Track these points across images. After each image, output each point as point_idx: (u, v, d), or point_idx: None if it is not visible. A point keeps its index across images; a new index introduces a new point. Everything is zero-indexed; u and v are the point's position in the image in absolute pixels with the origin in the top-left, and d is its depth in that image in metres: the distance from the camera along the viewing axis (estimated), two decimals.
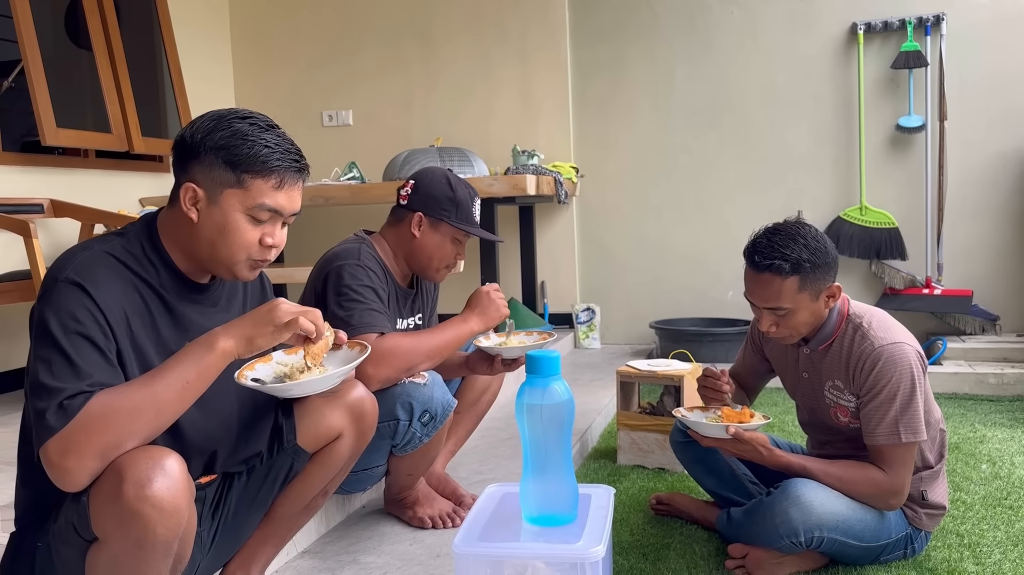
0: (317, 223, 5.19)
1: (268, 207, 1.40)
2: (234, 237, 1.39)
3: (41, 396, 1.22)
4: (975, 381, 3.76)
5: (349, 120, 5.26)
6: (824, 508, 1.84)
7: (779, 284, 1.87)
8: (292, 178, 1.43)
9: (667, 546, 2.12)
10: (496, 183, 3.81)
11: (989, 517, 2.27)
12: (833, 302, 1.94)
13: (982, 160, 4.33)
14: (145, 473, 1.20)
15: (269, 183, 1.39)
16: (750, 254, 1.92)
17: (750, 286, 1.95)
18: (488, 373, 2.24)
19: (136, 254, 1.40)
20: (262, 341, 1.34)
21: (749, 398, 2.30)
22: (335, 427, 1.67)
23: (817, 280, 1.88)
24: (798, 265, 1.85)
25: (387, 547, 2.10)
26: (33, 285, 3.06)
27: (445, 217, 2.14)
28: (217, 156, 1.37)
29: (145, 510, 1.19)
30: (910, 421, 1.84)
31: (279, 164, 1.40)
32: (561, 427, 1.49)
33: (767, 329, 1.94)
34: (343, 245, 2.15)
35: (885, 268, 4.44)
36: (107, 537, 1.24)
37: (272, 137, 1.41)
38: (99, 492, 1.22)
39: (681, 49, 4.76)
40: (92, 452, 1.20)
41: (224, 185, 1.38)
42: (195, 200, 1.39)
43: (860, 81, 4.41)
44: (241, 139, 1.38)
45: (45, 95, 3.75)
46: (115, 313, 1.32)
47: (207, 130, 1.39)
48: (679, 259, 4.84)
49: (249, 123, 1.40)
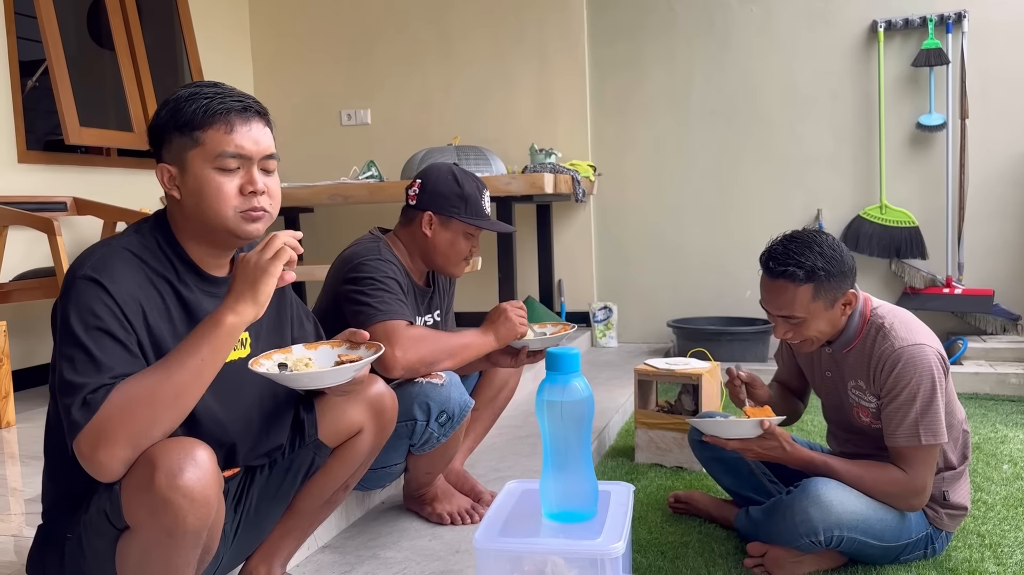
0: (336, 221, 5.23)
1: (229, 153, 1.40)
2: (212, 193, 1.40)
3: (66, 393, 1.25)
4: (996, 381, 3.73)
5: (367, 119, 5.28)
6: (844, 507, 1.83)
7: (793, 291, 1.87)
8: (240, 118, 1.42)
9: (686, 544, 2.12)
10: (514, 182, 3.82)
11: (1011, 517, 2.25)
12: (850, 310, 1.93)
13: (1004, 159, 4.29)
14: (177, 463, 1.22)
15: (220, 130, 1.40)
16: (765, 261, 1.93)
17: (765, 293, 1.95)
18: (511, 365, 2.23)
19: (151, 248, 1.43)
20: (262, 288, 1.34)
21: (802, 401, 2.29)
22: (355, 422, 1.68)
23: (832, 289, 1.88)
24: (812, 273, 1.85)
25: (406, 542, 2.11)
26: (57, 282, 3.10)
27: (455, 214, 2.15)
28: (171, 129, 1.41)
29: (176, 499, 1.21)
30: (930, 423, 1.83)
31: (221, 107, 1.41)
32: (581, 423, 1.50)
33: (782, 336, 1.94)
34: (360, 244, 2.16)
35: (905, 267, 4.41)
36: (138, 526, 1.26)
37: (211, 89, 1.43)
38: (131, 481, 1.24)
39: (700, 47, 4.75)
40: (121, 441, 1.22)
41: (185, 150, 1.41)
42: (172, 178, 1.43)
43: (880, 79, 4.38)
44: (184, 102, 1.41)
45: (68, 94, 3.80)
46: (132, 308, 1.34)
47: (158, 114, 1.44)
48: (697, 258, 4.83)
49: (189, 89, 1.43)
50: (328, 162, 5.00)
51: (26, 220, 3.18)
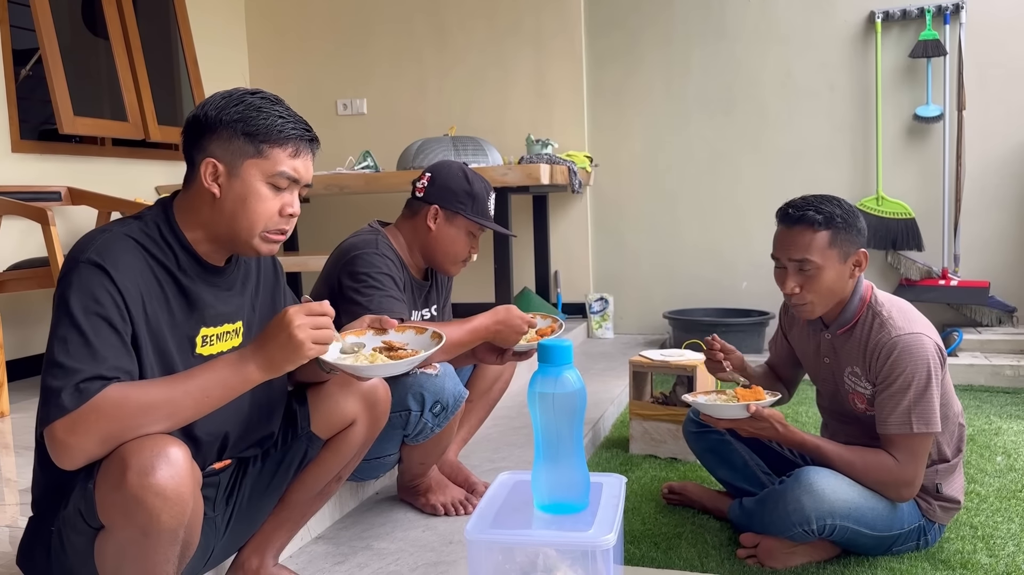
0: (332, 211, 5.22)
1: (288, 175, 1.44)
2: (256, 206, 1.42)
3: (56, 375, 1.24)
4: (991, 373, 3.74)
5: (363, 109, 5.26)
6: (836, 495, 1.84)
7: (811, 236, 1.90)
8: (305, 147, 1.47)
9: (679, 535, 2.13)
10: (510, 172, 3.81)
11: (1004, 509, 2.25)
12: (859, 272, 1.95)
13: (1001, 150, 4.29)
14: (149, 462, 1.21)
15: (286, 151, 1.43)
16: (783, 210, 1.97)
17: (780, 240, 1.96)
18: (497, 363, 2.21)
19: (154, 236, 1.42)
20: (285, 366, 1.35)
21: (788, 390, 2.29)
22: (348, 414, 1.68)
23: (847, 241, 1.90)
24: (831, 218, 1.89)
25: (400, 533, 2.11)
26: (51, 272, 3.09)
27: (461, 210, 2.14)
28: (235, 129, 1.41)
29: (148, 498, 1.20)
30: (923, 412, 1.83)
31: (294, 132, 1.44)
32: (573, 416, 1.50)
33: (791, 290, 1.93)
34: (359, 236, 2.15)
35: (901, 259, 4.41)
36: (113, 525, 1.25)
37: (283, 109, 1.46)
38: (104, 480, 1.23)
39: (696, 37, 4.73)
40: (96, 436, 1.22)
41: (244, 156, 1.41)
42: (216, 175, 1.42)
43: (877, 70, 4.37)
44: (256, 111, 1.42)
45: (62, 83, 3.78)
46: (133, 295, 1.34)
47: (221, 107, 1.42)
48: (693, 249, 4.82)
49: (260, 98, 1.45)
50: (324, 152, 4.88)
51: (20, 210, 3.17)
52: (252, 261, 1.61)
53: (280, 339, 1.32)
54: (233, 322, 1.52)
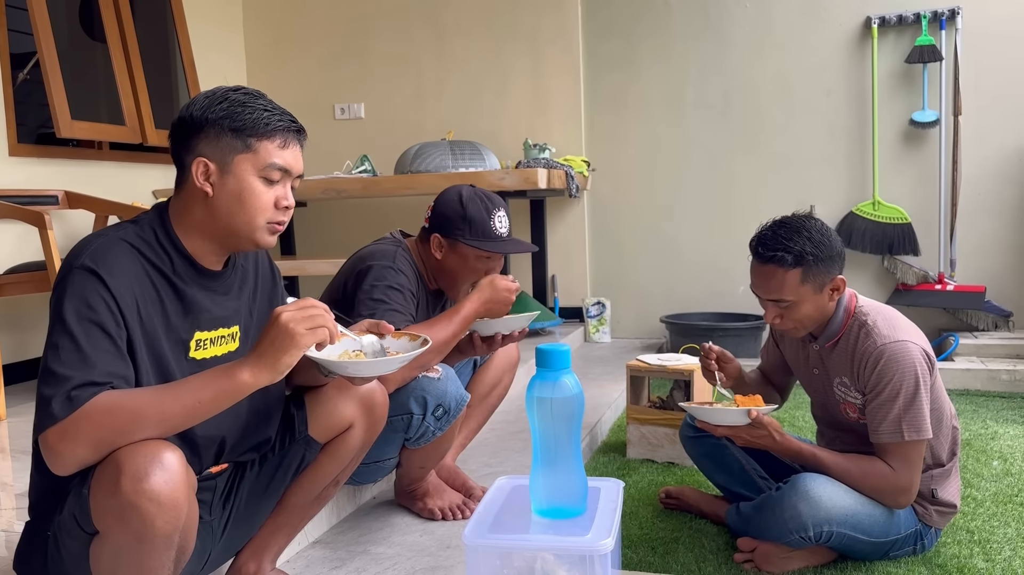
0: (329, 216, 5.22)
1: (279, 165, 1.45)
2: (252, 201, 1.43)
3: (49, 383, 1.24)
4: (987, 377, 3.74)
5: (361, 113, 5.27)
6: (833, 502, 1.84)
7: (782, 276, 1.88)
8: (293, 138, 1.48)
9: (676, 540, 2.13)
10: (507, 177, 3.82)
11: (1000, 514, 2.26)
12: (838, 295, 1.94)
13: (997, 155, 4.30)
14: (143, 467, 1.20)
15: (275, 143, 1.44)
16: (755, 246, 1.94)
17: (754, 278, 1.96)
18: (484, 352, 2.16)
19: (149, 241, 1.42)
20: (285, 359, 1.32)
21: (781, 396, 2.30)
22: (346, 418, 1.68)
23: (820, 273, 1.89)
24: (801, 257, 1.86)
25: (397, 538, 2.11)
26: (48, 276, 3.08)
27: (458, 236, 2.10)
28: (222, 126, 1.42)
29: (143, 504, 1.19)
30: (913, 419, 1.84)
31: (280, 124, 1.45)
32: (571, 421, 1.50)
33: (772, 321, 1.96)
34: (379, 245, 2.15)
35: (898, 264, 4.42)
36: (107, 530, 1.24)
37: (267, 102, 1.47)
38: (99, 486, 1.23)
39: (694, 43, 4.74)
40: (87, 443, 1.22)
41: (234, 152, 1.42)
42: (207, 174, 1.42)
43: (874, 75, 4.39)
44: (240, 106, 1.43)
45: (60, 87, 3.78)
46: (127, 300, 1.34)
47: (205, 106, 1.43)
48: (690, 253, 4.83)
49: (243, 93, 1.46)
50: (321, 156, 4.98)
51: (17, 214, 3.17)
52: (250, 265, 1.61)
53: (271, 334, 1.31)
54: (229, 326, 1.52)
